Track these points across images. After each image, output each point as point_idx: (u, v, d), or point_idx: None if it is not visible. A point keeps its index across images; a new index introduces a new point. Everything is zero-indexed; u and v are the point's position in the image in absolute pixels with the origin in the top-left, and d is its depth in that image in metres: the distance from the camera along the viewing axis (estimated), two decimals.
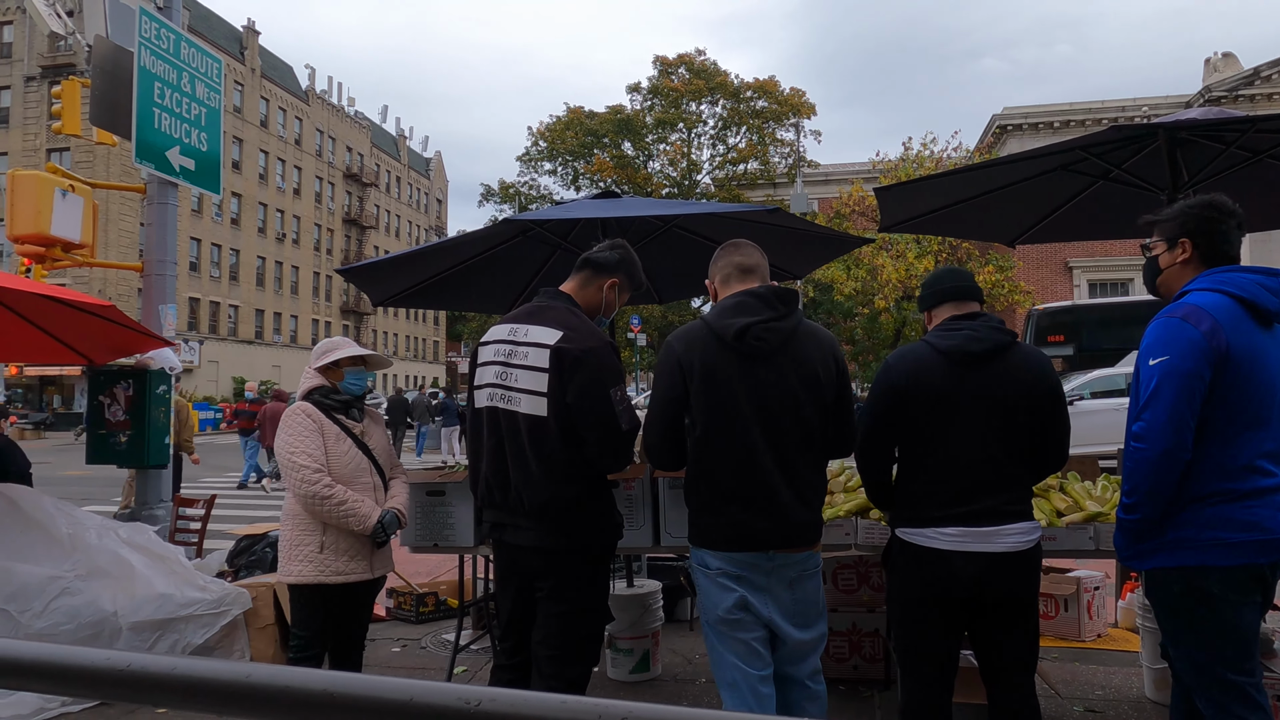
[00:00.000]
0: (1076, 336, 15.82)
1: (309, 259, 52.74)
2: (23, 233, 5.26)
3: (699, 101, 36.95)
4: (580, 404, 2.48)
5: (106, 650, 0.79)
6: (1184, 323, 2.09)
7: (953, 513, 2.36)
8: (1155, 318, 2.19)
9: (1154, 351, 2.12)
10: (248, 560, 5.16)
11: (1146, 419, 2.10)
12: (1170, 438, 2.06)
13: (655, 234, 4.83)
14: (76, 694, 0.80)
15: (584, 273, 2.77)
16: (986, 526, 2.34)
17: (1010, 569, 2.34)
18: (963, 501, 2.36)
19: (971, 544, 2.34)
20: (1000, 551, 2.33)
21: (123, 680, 0.76)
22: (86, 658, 0.77)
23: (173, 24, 6.04)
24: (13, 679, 0.77)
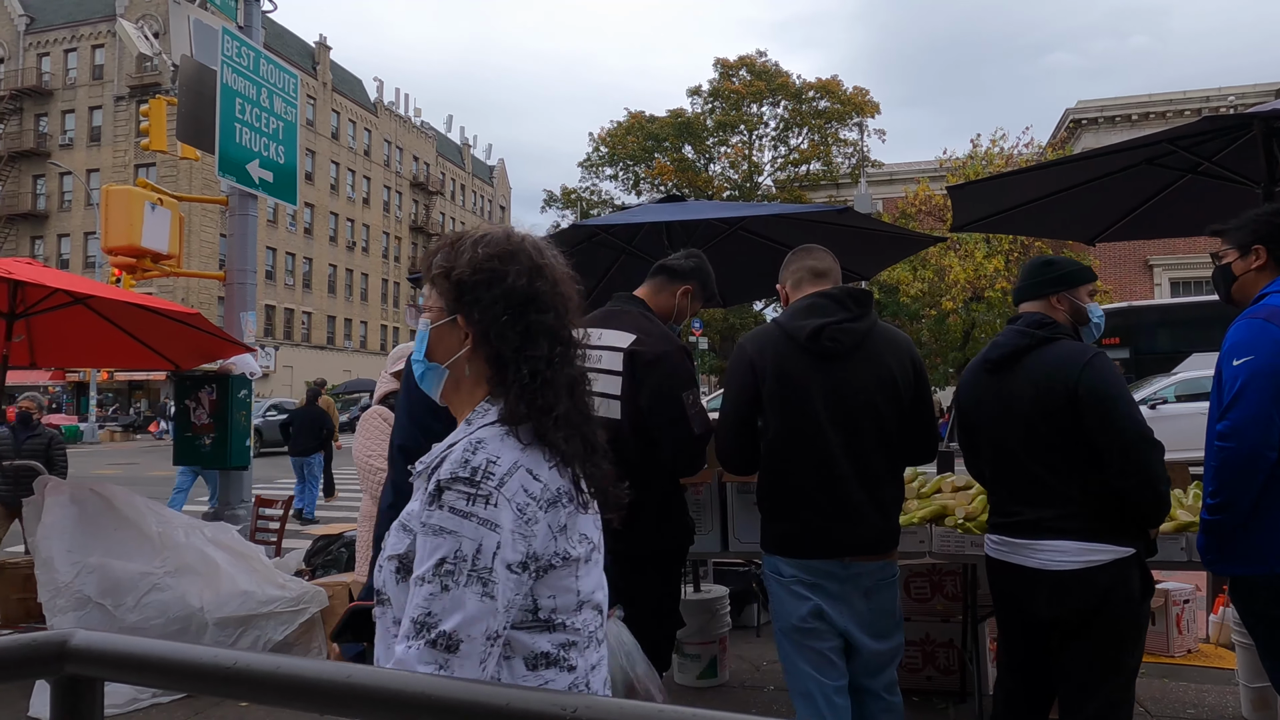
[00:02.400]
0: (1133, 339, 15.17)
1: (378, 266, 54.19)
2: (116, 244, 5.53)
3: (760, 103, 36.72)
4: (653, 407, 2.48)
5: (215, 648, 0.81)
6: (1267, 323, 2.11)
7: (995, 521, 2.39)
8: (1237, 319, 2.22)
9: (1238, 352, 2.13)
10: (324, 560, 5.31)
11: (1232, 418, 2.08)
12: (1256, 436, 2.04)
13: (720, 237, 4.81)
14: (188, 689, 0.83)
15: (659, 278, 2.78)
16: (1022, 539, 2.26)
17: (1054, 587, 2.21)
18: (1002, 511, 2.35)
19: (1009, 555, 2.30)
20: (1035, 567, 2.23)
21: (230, 677, 0.78)
22: (197, 655, 0.80)
23: (252, 42, 6.28)
24: (132, 673, 0.80)
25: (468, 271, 1.23)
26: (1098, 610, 2.18)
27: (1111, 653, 2.22)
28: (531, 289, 1.23)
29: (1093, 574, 2.17)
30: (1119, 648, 2.22)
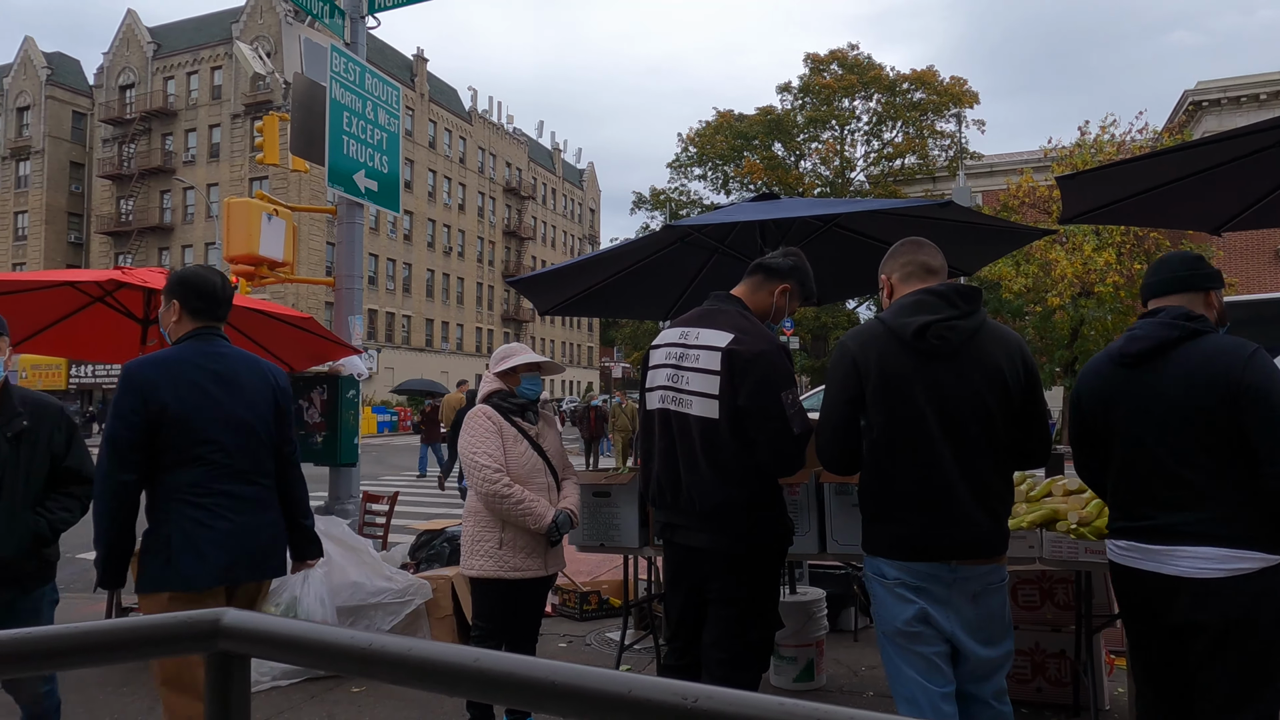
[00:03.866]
0: (1269, 334, 14.05)
1: (473, 270, 55.74)
2: (237, 253, 5.88)
3: (852, 97, 35.97)
4: (752, 406, 2.48)
5: (351, 630, 0.86)
6: None
7: (1120, 526, 2.27)
8: None
9: None
10: (427, 554, 5.50)
11: None
12: None
13: (814, 234, 4.74)
14: (327, 668, 0.88)
15: (756, 277, 2.78)
16: (1157, 545, 2.13)
17: (1196, 595, 2.07)
18: (1130, 515, 2.23)
19: (1141, 561, 2.17)
20: (1175, 575, 2.09)
21: (368, 658, 0.83)
22: (337, 635, 0.85)
23: (358, 57, 6.57)
24: (278, 651, 0.86)
25: None
26: (1245, 620, 2.04)
27: (1260, 665, 2.08)
28: None
29: (1241, 582, 2.03)
30: (1267, 660, 2.07)
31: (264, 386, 2.76)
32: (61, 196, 49.22)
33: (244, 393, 2.69)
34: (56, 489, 2.89)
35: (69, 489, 2.91)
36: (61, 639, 0.85)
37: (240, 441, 2.64)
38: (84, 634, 0.87)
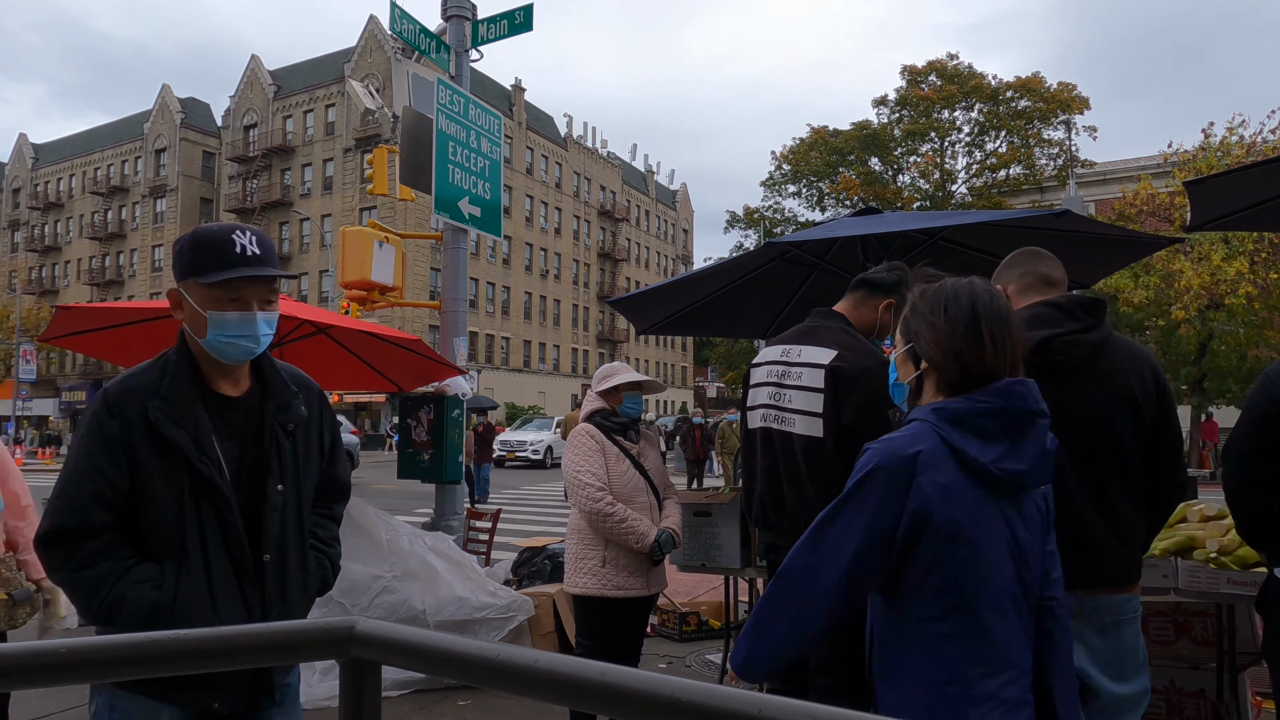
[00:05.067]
0: None
1: (568, 292, 56.80)
2: (351, 279, 6.18)
3: (952, 108, 34.99)
4: (857, 425, 2.42)
5: (479, 641, 0.88)
6: None
7: None
8: None
9: None
10: (529, 571, 5.59)
11: None
12: None
13: (918, 249, 4.62)
14: (454, 677, 0.90)
15: (859, 292, 2.72)
16: None
17: None
18: None
19: None
20: None
21: (494, 668, 0.84)
22: (464, 646, 0.87)
23: (462, 89, 6.83)
24: (408, 659, 0.89)
25: None
26: None
27: None
28: None
29: None
30: None
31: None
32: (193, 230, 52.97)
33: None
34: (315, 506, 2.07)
35: (329, 507, 2.08)
36: (213, 641, 0.90)
37: None
38: (232, 637, 0.91)
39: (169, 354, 1.81)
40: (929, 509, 1.45)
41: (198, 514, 1.72)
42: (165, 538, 1.71)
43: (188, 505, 1.71)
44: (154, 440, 1.70)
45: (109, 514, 1.68)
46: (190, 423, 1.73)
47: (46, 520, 1.68)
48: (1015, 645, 1.51)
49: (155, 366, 1.79)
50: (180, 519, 1.71)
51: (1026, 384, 1.54)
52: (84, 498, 1.66)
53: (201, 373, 1.80)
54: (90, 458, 1.68)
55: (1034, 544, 1.56)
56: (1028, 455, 1.50)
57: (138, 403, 1.71)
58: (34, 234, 59.33)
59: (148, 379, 1.76)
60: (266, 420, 1.84)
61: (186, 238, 1.80)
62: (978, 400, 1.51)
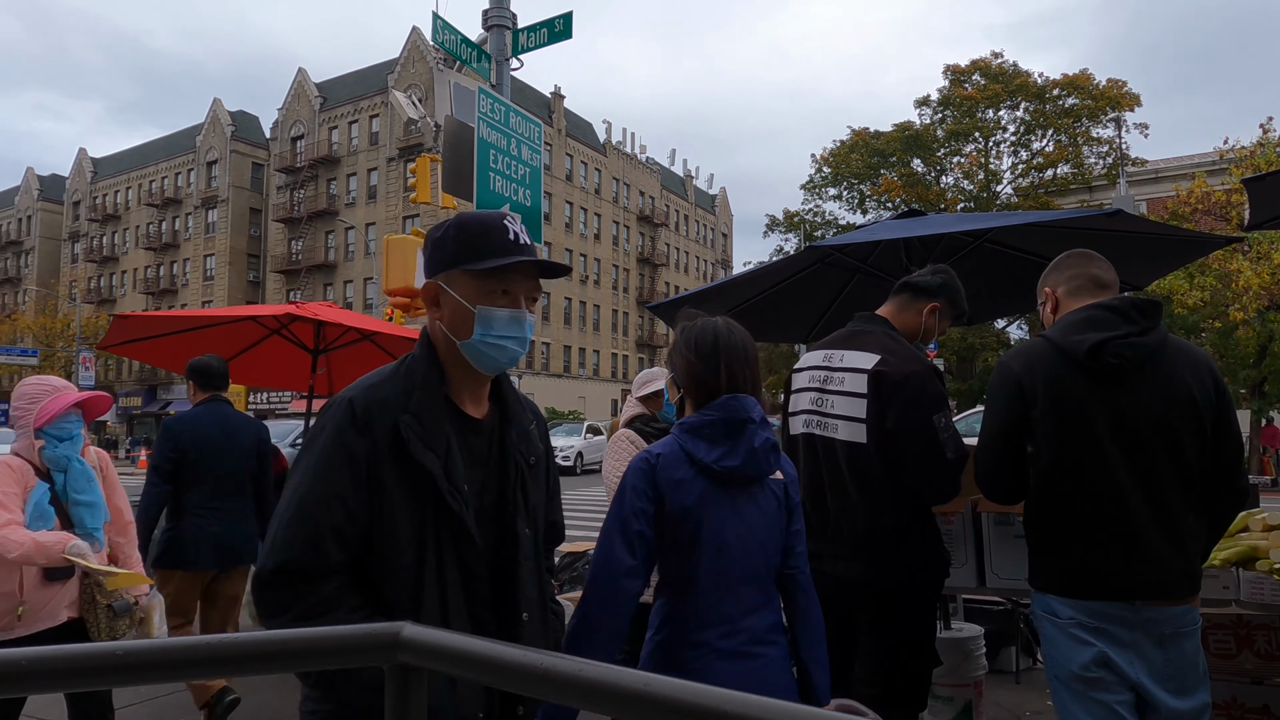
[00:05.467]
0: None
1: (608, 297, 56.99)
2: (395, 286, 6.28)
3: (996, 107, 34.37)
4: (901, 430, 2.38)
5: (524, 648, 0.88)
6: None
7: None
8: None
9: None
10: (570, 576, 5.60)
11: None
12: None
13: (962, 251, 4.53)
14: (499, 684, 0.90)
15: (903, 296, 2.68)
16: None
17: None
18: None
19: None
20: None
21: (540, 676, 0.84)
22: (510, 654, 0.87)
23: (503, 97, 6.90)
24: (455, 665, 0.89)
25: None
26: None
27: None
28: None
29: None
30: None
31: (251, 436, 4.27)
32: (243, 240, 54.38)
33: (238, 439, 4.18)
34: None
35: (550, 555, 1.83)
36: (260, 645, 0.91)
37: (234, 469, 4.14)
38: (279, 641, 0.93)
39: (412, 361, 1.51)
40: (666, 499, 1.84)
41: (438, 559, 1.41)
42: (400, 586, 1.40)
43: (429, 548, 1.41)
44: (401, 465, 1.40)
45: (344, 552, 1.38)
46: (441, 446, 1.44)
47: (274, 554, 1.35)
48: (738, 606, 1.85)
49: (398, 375, 1.50)
50: (419, 564, 1.40)
51: (740, 398, 1.89)
52: (322, 530, 1.36)
53: (449, 386, 1.52)
54: (331, 482, 1.38)
55: (767, 524, 1.89)
56: (741, 454, 1.85)
57: (387, 418, 1.41)
58: (92, 245, 61.39)
59: (394, 389, 1.46)
60: (509, 450, 1.55)
61: (450, 223, 1.55)
62: (706, 414, 1.89)
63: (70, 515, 2.89)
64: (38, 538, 2.67)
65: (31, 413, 2.86)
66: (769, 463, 1.89)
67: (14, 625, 2.74)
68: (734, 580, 1.85)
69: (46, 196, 66.05)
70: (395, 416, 1.42)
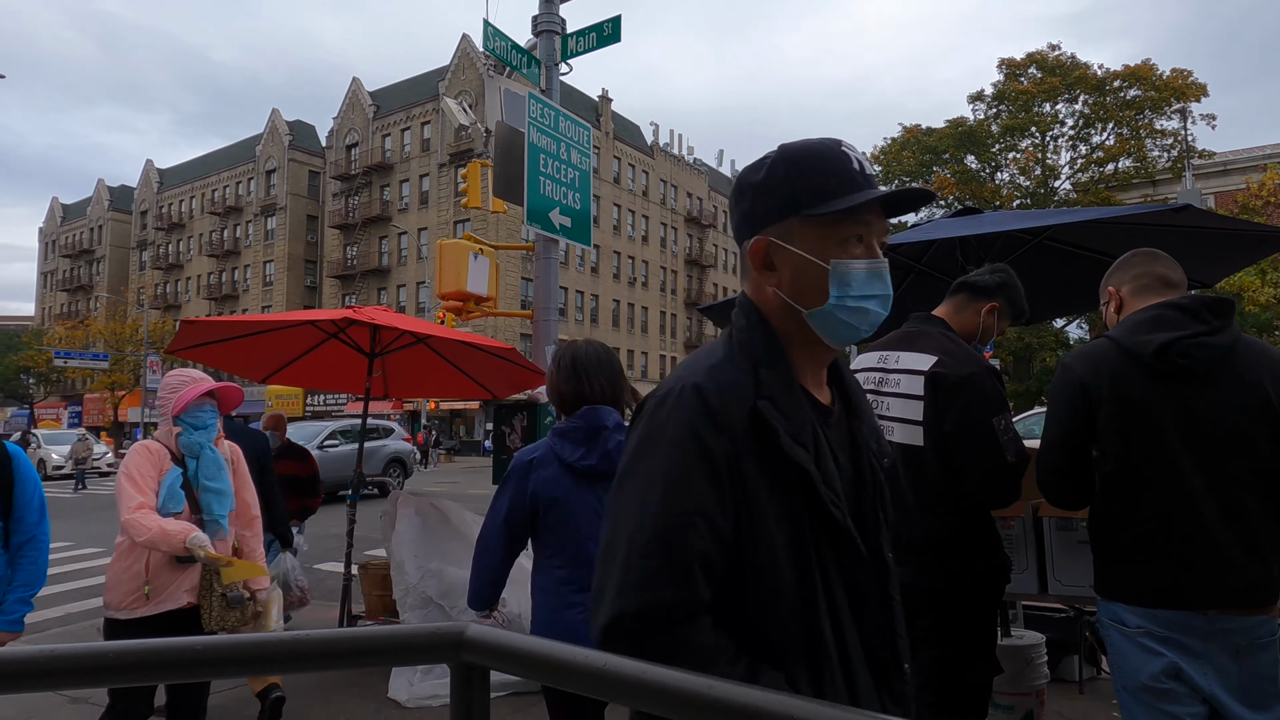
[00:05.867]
0: None
1: (656, 299, 57.05)
2: (448, 290, 6.38)
3: (1054, 101, 33.48)
4: (959, 433, 2.33)
5: (586, 649, 0.88)
6: None
7: None
8: None
9: None
10: None
11: None
12: None
13: (1020, 249, 4.43)
14: (561, 684, 0.90)
15: (960, 296, 2.63)
16: None
17: None
18: None
19: None
20: None
21: (601, 677, 0.85)
22: (572, 654, 0.88)
23: (553, 102, 6.96)
24: (517, 665, 0.90)
25: None
26: None
27: None
28: None
29: None
30: None
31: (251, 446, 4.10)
32: (300, 246, 55.83)
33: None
34: None
35: None
36: (331, 643, 0.93)
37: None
38: (347, 639, 0.95)
39: (742, 335, 1.20)
40: (538, 491, 2.34)
41: (825, 584, 1.11)
42: (786, 622, 1.08)
43: (814, 570, 1.10)
44: (765, 465, 1.10)
45: (711, 586, 1.06)
46: (809, 439, 1.14)
47: (633, 593, 1.01)
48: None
49: (732, 353, 1.19)
50: (810, 593, 1.09)
51: (597, 409, 2.35)
52: (689, 558, 1.04)
53: (792, 365, 1.20)
54: (692, 495, 1.06)
55: None
56: (597, 454, 2.32)
57: (741, 407, 1.11)
58: (159, 253, 63.68)
59: (737, 371, 1.16)
60: (862, 447, 1.25)
61: (774, 160, 1.22)
62: (571, 421, 2.36)
63: (199, 501, 3.02)
64: (164, 524, 2.80)
65: (171, 401, 3.06)
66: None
67: (141, 604, 2.87)
68: (588, 554, 2.29)
69: (116, 207, 68.75)
70: (749, 404, 1.11)
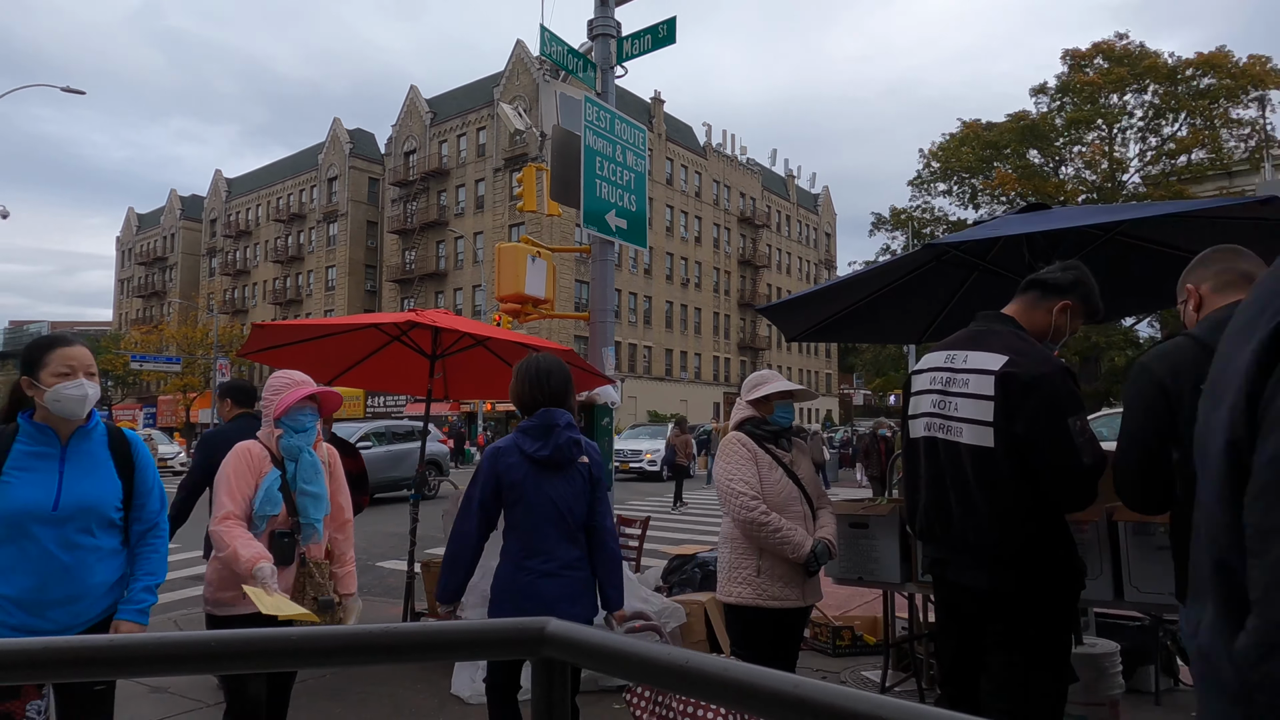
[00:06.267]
0: None
1: (709, 300, 56.86)
2: (507, 293, 6.45)
3: (1121, 92, 32.39)
4: (1033, 435, 2.27)
5: (668, 646, 0.89)
6: None
7: None
8: None
9: None
10: (679, 578, 5.62)
11: None
12: None
13: (1091, 246, 4.30)
14: (642, 681, 0.91)
15: (1031, 294, 2.57)
16: None
17: None
18: None
19: None
20: None
21: (683, 674, 0.85)
22: (653, 651, 0.88)
23: (608, 105, 7.00)
24: (597, 661, 0.91)
25: None
26: None
27: None
28: None
29: None
30: None
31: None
32: (360, 251, 57.21)
33: None
34: None
35: None
36: (415, 636, 0.96)
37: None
38: (432, 633, 0.97)
39: None
40: (502, 476, 2.92)
41: None
42: None
43: None
44: None
45: None
46: None
47: None
48: (553, 544, 2.90)
49: None
50: None
51: (551, 411, 2.96)
52: None
53: None
54: None
55: (575, 493, 2.96)
56: (550, 447, 2.91)
57: None
58: (227, 259, 65.93)
59: None
60: None
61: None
62: (530, 421, 2.96)
63: (296, 504, 3.03)
64: (238, 548, 2.80)
65: (273, 404, 3.08)
66: (572, 453, 2.96)
67: (238, 602, 2.87)
68: (547, 528, 2.90)
69: (187, 216, 71.43)
70: None
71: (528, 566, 2.85)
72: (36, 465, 2.42)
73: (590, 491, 2.98)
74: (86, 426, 2.52)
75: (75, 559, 2.42)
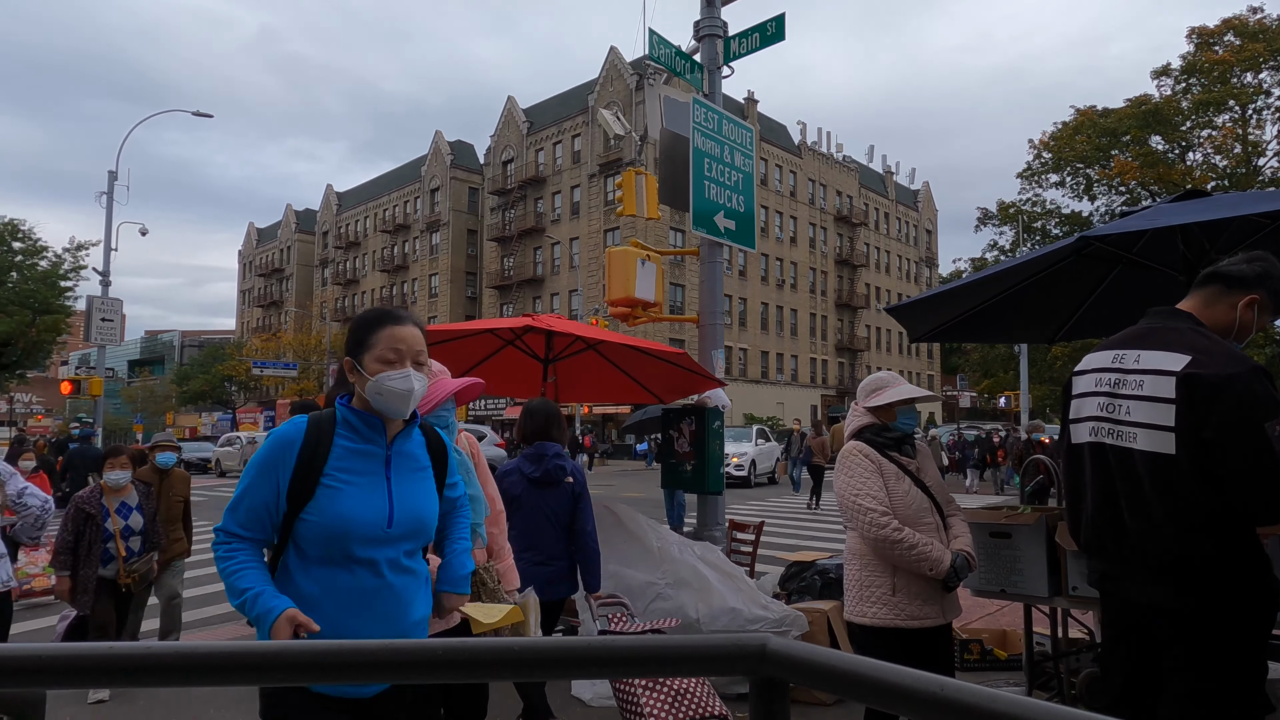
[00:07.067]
0: None
1: (805, 301, 55.94)
2: (617, 297, 6.48)
3: (1257, 70, 30.08)
4: (1224, 441, 2.08)
5: (896, 665, 0.83)
6: None
7: None
8: None
9: None
10: (797, 585, 5.50)
11: None
12: None
13: (1256, 235, 3.96)
14: (859, 700, 0.86)
15: (1210, 288, 2.36)
16: None
17: None
18: None
19: None
20: None
21: (900, 693, 0.80)
22: (873, 669, 0.82)
23: (716, 106, 6.95)
24: (818, 681, 0.86)
25: None
26: None
27: None
28: None
29: None
30: None
31: None
32: (461, 259, 59.00)
33: None
34: None
35: None
36: (640, 650, 0.93)
37: None
38: (652, 648, 0.94)
39: None
40: (507, 490, 3.85)
41: None
42: None
43: None
44: None
45: None
46: None
47: None
48: (545, 540, 3.95)
49: None
50: None
51: (543, 444, 4.05)
52: None
53: None
54: None
55: (560, 506, 4.00)
56: (541, 470, 3.96)
57: None
58: (338, 270, 69.20)
59: None
60: None
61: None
62: (531, 449, 4.04)
63: None
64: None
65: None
66: (559, 474, 3.98)
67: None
68: (538, 531, 3.94)
69: (302, 229, 75.37)
70: None
71: (524, 558, 3.76)
72: (362, 468, 1.95)
73: (573, 503, 4.01)
74: (412, 425, 2.07)
75: (404, 588, 1.96)
